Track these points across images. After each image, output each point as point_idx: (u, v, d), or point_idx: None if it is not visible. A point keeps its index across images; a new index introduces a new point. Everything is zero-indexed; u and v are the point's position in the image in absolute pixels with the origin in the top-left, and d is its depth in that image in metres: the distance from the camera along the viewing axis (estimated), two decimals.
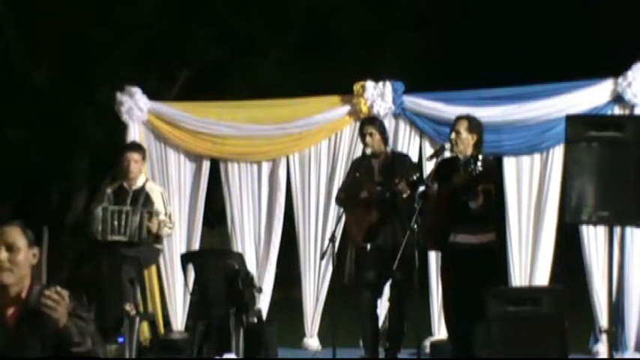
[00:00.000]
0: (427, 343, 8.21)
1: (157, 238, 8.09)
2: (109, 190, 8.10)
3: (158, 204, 8.05)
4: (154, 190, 8.16)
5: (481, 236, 6.77)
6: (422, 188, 6.83)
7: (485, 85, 8.69)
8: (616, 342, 7.86)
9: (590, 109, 8.12)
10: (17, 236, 3.73)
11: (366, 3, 16.92)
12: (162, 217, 8.04)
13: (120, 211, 7.89)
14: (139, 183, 8.13)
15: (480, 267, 6.67)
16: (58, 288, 3.58)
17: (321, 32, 16.80)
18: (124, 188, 8.09)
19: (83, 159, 16.83)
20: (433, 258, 8.41)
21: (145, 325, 8.29)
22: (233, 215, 9.10)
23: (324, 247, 7.84)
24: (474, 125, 6.99)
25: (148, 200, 8.01)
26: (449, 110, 8.25)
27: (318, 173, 8.90)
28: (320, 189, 8.88)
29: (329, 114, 8.85)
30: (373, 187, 7.38)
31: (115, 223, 7.84)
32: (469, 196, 6.60)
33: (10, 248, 3.70)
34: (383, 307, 7.85)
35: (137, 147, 8.37)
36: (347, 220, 7.53)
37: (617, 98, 8.10)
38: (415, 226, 6.74)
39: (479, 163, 6.48)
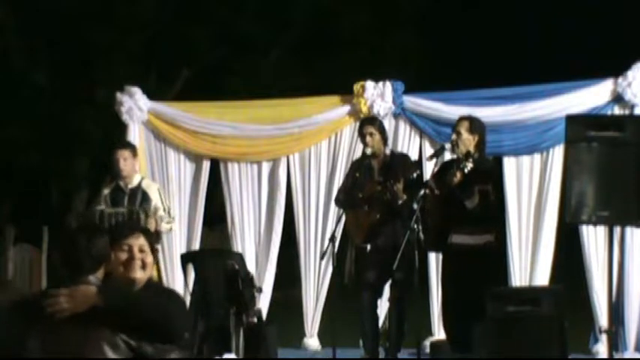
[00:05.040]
0: (427, 343, 8.20)
1: (157, 236, 8.05)
2: (105, 191, 8.05)
3: (156, 200, 7.97)
4: (151, 187, 8.06)
5: (478, 237, 6.76)
6: (422, 191, 6.83)
7: (486, 85, 8.69)
8: (616, 342, 7.85)
9: (590, 109, 8.11)
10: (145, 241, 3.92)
11: (366, 3, 16.94)
12: (160, 212, 7.96)
13: (116, 214, 7.83)
14: (134, 182, 8.00)
15: (478, 268, 6.66)
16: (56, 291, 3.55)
17: (321, 32, 16.82)
18: (120, 188, 8.00)
19: (83, 159, 16.84)
20: (433, 258, 8.41)
21: None
22: (233, 215, 9.09)
23: (324, 247, 7.83)
24: (476, 126, 6.98)
25: (145, 198, 7.95)
26: (449, 110, 8.25)
27: (318, 173, 8.90)
28: (320, 189, 8.88)
29: (329, 114, 8.85)
30: (373, 187, 7.37)
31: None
32: (464, 195, 6.59)
33: (142, 250, 3.88)
34: (383, 307, 7.85)
35: (125, 144, 8.21)
36: (347, 220, 7.53)
37: (617, 98, 8.10)
38: (415, 227, 6.74)
39: (470, 160, 6.48)
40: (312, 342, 8.85)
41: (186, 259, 8.18)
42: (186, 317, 3.97)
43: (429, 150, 8.47)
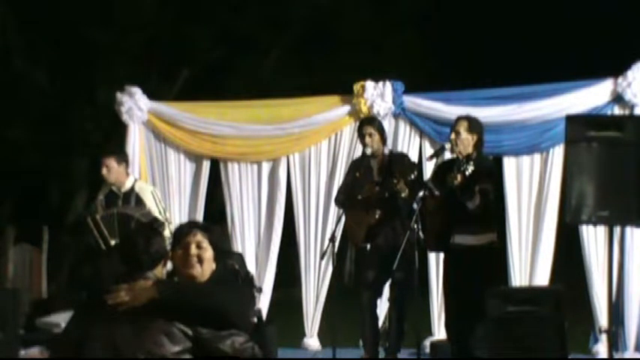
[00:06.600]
0: (427, 343, 8.21)
1: None
2: (100, 197, 8.02)
3: (150, 204, 7.92)
4: (145, 190, 7.99)
5: (481, 237, 6.76)
6: (422, 193, 6.82)
7: (486, 85, 8.70)
8: (616, 342, 7.86)
9: (590, 109, 8.12)
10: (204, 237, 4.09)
11: (366, 3, 16.93)
12: (167, 233, 7.85)
13: (111, 215, 7.67)
14: (127, 185, 7.92)
15: (481, 268, 6.66)
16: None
17: (321, 32, 16.81)
18: (113, 192, 7.93)
19: (83, 159, 16.82)
20: (433, 258, 8.42)
21: None
22: (233, 215, 9.10)
23: (324, 247, 7.84)
24: (474, 125, 6.97)
25: (139, 201, 7.91)
26: (449, 110, 8.25)
27: (318, 173, 8.91)
28: (320, 189, 8.88)
29: (329, 114, 8.85)
30: (372, 188, 7.38)
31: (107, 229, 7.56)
32: (466, 196, 6.59)
33: (199, 246, 4.06)
34: (383, 307, 7.85)
35: (110, 152, 8.07)
36: (347, 220, 7.53)
37: (617, 98, 8.10)
38: (416, 227, 6.74)
39: (471, 162, 6.49)
40: (312, 342, 8.85)
41: None
42: (244, 302, 4.08)
43: (429, 150, 8.48)
